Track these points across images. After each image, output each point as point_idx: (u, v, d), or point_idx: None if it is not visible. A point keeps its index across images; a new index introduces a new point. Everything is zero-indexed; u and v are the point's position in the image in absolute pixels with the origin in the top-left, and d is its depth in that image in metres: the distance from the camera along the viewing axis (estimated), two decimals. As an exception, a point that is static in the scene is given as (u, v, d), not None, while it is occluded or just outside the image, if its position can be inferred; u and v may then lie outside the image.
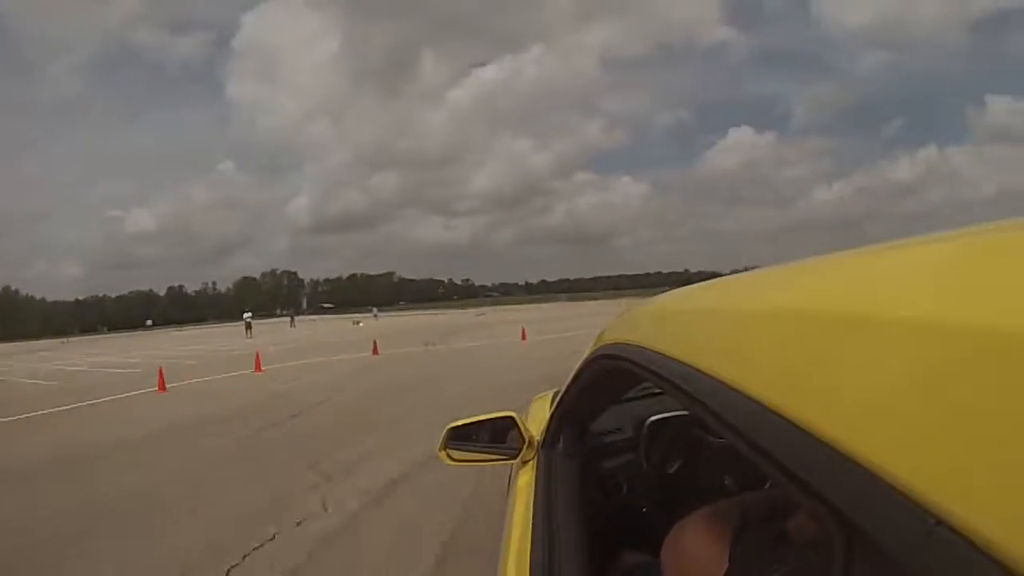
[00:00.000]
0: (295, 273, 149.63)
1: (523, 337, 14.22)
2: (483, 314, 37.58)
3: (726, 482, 1.09)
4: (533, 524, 0.92)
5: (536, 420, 1.51)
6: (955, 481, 0.22)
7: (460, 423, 1.29)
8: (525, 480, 1.15)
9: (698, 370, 0.44)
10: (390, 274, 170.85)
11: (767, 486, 0.69)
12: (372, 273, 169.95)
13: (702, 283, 0.68)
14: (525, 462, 1.23)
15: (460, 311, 52.10)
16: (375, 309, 53.80)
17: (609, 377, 0.84)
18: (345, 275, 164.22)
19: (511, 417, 1.24)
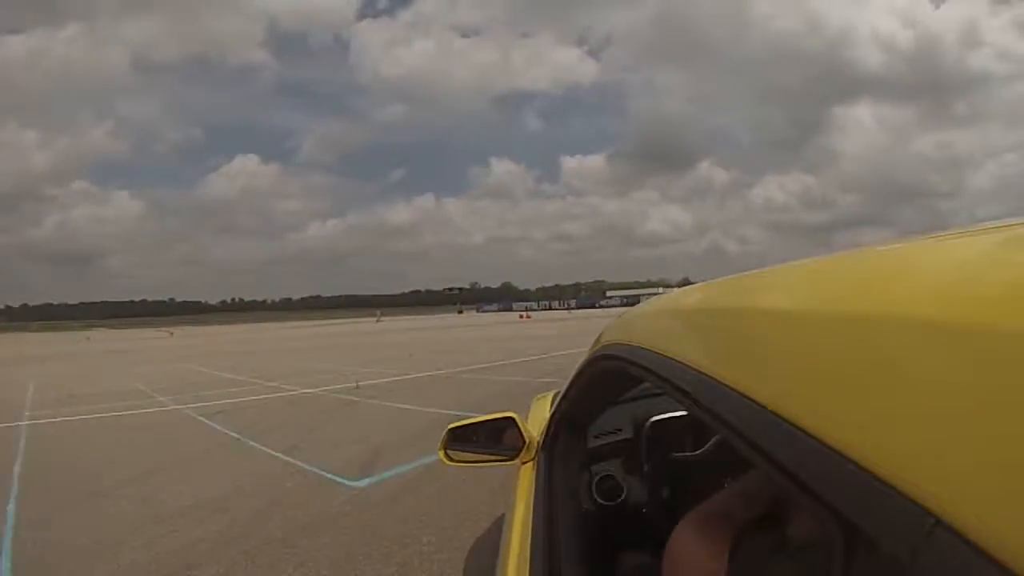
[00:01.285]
0: None
1: None
2: None
3: (726, 483, 1.09)
4: (533, 525, 0.92)
5: (536, 421, 1.50)
6: (954, 481, 0.22)
7: (460, 424, 1.29)
8: (525, 481, 1.15)
9: (697, 370, 0.44)
10: None
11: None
12: None
13: (701, 284, 0.68)
14: (525, 463, 1.23)
15: None
16: None
17: (608, 378, 0.84)
18: None
19: (511, 418, 1.24)
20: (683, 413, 1.18)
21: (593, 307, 68.56)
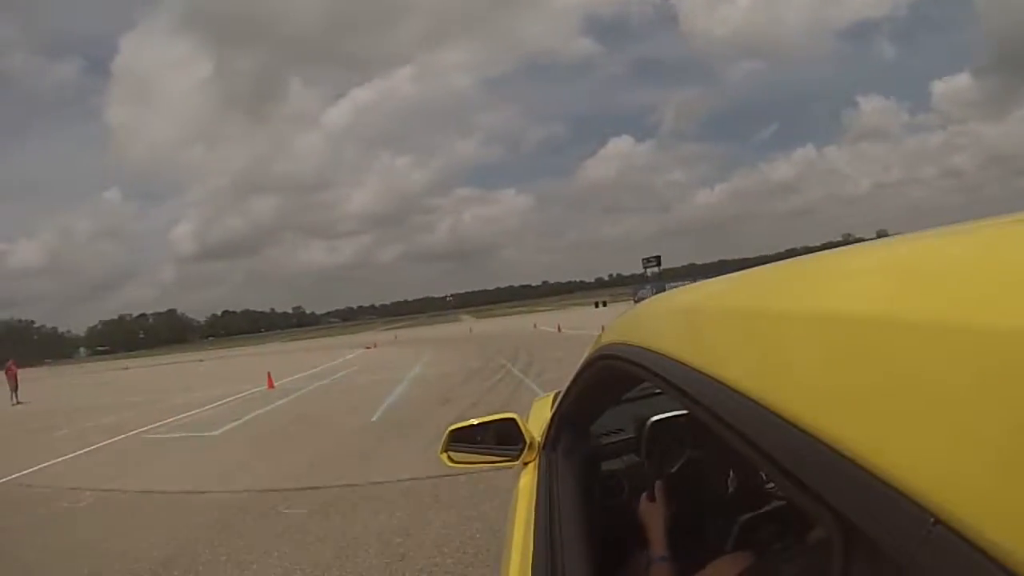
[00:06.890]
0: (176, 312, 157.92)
1: None
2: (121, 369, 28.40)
3: (727, 480, 1.09)
4: (535, 525, 0.92)
5: (537, 421, 1.50)
6: (954, 481, 0.22)
7: (462, 425, 1.29)
8: (527, 482, 1.15)
9: (698, 370, 0.44)
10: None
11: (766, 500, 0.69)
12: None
13: (701, 283, 0.68)
14: (527, 464, 1.23)
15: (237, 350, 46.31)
16: None
17: (609, 378, 0.84)
18: (226, 310, 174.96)
19: (513, 419, 1.24)
20: (684, 413, 1.18)
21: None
